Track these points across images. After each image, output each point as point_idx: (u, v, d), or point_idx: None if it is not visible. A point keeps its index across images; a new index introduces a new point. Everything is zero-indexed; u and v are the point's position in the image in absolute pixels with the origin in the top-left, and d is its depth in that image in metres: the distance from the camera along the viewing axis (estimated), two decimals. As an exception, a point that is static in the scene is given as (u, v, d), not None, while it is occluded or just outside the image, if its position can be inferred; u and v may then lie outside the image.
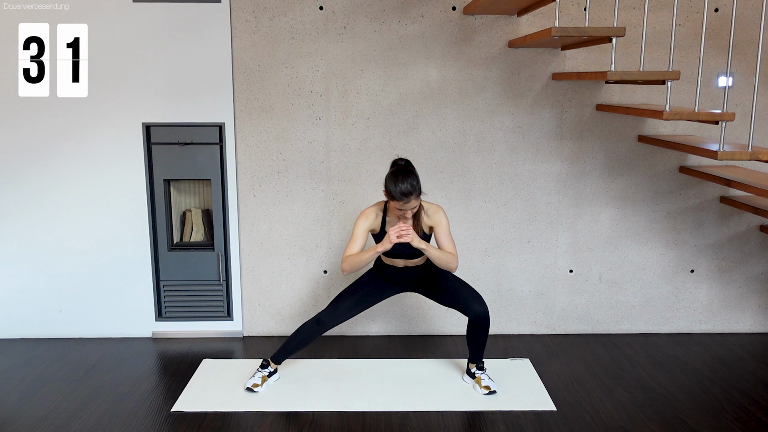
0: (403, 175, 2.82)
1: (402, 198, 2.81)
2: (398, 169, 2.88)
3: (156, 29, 3.52)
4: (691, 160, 3.72)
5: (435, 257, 2.96)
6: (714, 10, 3.58)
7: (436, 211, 3.02)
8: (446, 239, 3.03)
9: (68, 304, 3.80)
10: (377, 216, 3.04)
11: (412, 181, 2.81)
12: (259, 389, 3.13)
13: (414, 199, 2.84)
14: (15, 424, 2.88)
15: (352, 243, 3.00)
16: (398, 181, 2.81)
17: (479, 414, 2.95)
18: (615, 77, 2.92)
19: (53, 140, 3.62)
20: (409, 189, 2.80)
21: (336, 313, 3.11)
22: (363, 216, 3.03)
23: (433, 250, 2.95)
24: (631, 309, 3.88)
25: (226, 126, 3.62)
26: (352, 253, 2.98)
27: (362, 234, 3.01)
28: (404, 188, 2.80)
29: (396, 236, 2.83)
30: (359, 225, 3.01)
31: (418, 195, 2.85)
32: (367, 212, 3.04)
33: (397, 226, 2.85)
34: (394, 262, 3.11)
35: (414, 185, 2.81)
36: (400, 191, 2.80)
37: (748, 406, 3.03)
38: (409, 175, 2.83)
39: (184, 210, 3.91)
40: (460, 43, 3.58)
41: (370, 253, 2.92)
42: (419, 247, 2.90)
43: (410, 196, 2.81)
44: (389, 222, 3.03)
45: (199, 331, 3.86)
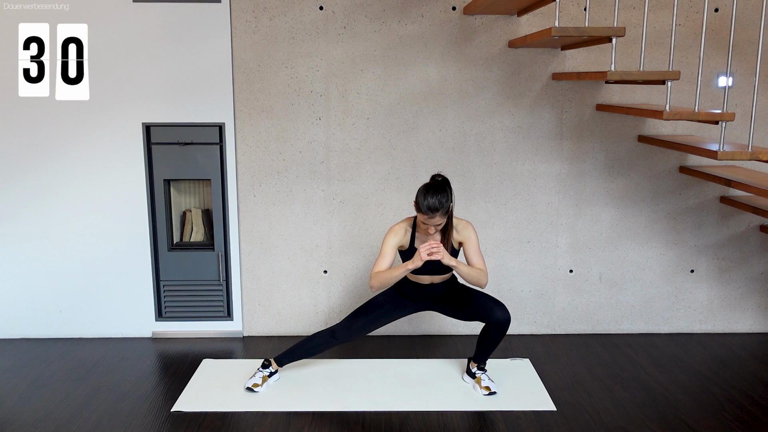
0: (434, 191, 2.82)
1: (428, 212, 2.81)
2: (432, 183, 2.88)
3: (156, 29, 3.53)
4: (691, 160, 3.72)
5: (465, 274, 2.95)
6: (714, 10, 3.58)
7: (466, 227, 3.01)
8: (476, 255, 3.01)
9: (68, 304, 3.80)
10: (406, 232, 3.02)
11: (441, 198, 2.81)
12: (260, 389, 3.13)
13: (439, 217, 2.83)
14: (15, 424, 2.88)
15: (381, 259, 2.97)
16: (428, 195, 2.81)
17: (479, 414, 2.95)
18: (615, 77, 2.92)
19: (53, 140, 3.62)
20: (437, 205, 2.80)
21: (350, 331, 3.11)
22: (392, 232, 3.00)
23: (463, 267, 2.93)
24: (631, 309, 3.88)
25: (226, 126, 3.62)
26: (381, 269, 2.96)
27: (391, 250, 2.99)
28: (432, 203, 2.80)
29: (427, 253, 2.81)
30: (388, 241, 2.99)
31: (444, 213, 2.84)
32: (396, 228, 3.02)
33: (428, 243, 2.83)
34: (419, 279, 3.09)
35: (443, 203, 2.81)
36: (428, 205, 2.80)
37: (748, 406, 3.03)
38: (440, 191, 2.83)
39: (184, 210, 3.91)
40: (460, 43, 3.58)
41: (400, 270, 2.90)
42: (449, 264, 2.88)
43: (436, 212, 2.81)
44: (418, 238, 3.02)
45: (199, 331, 3.86)
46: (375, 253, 3.76)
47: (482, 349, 3.15)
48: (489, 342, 3.11)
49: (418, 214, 2.88)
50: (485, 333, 3.09)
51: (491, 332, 3.06)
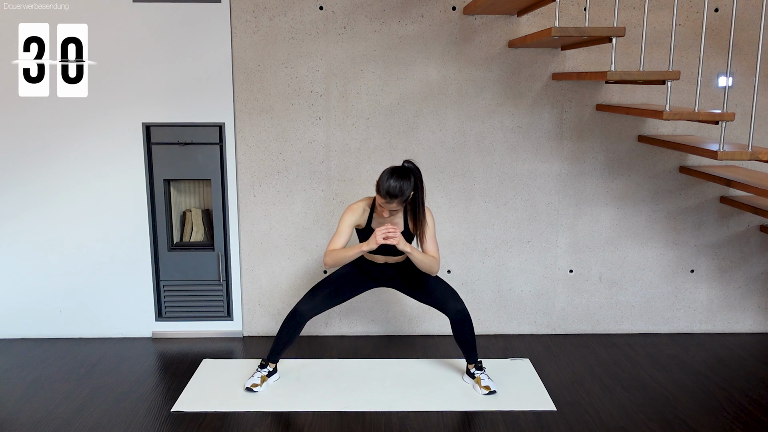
0: (398, 176, 2.82)
1: (386, 196, 2.81)
2: (398, 168, 2.87)
3: (156, 29, 3.52)
4: (691, 160, 3.72)
5: (418, 261, 2.96)
6: (714, 10, 3.58)
7: (424, 213, 3.01)
8: (431, 242, 3.01)
9: (68, 304, 3.80)
10: (364, 211, 3.03)
11: (403, 185, 2.80)
12: (259, 389, 3.13)
13: (397, 203, 2.83)
14: (15, 424, 2.88)
15: (337, 237, 2.98)
16: (390, 178, 2.81)
17: (479, 414, 2.95)
18: (615, 77, 2.92)
19: (53, 140, 3.62)
20: (396, 191, 2.79)
21: (312, 304, 3.09)
22: (350, 210, 3.01)
23: (417, 254, 2.95)
24: (631, 309, 3.88)
25: (226, 126, 3.62)
26: (336, 247, 2.97)
27: (347, 228, 3.00)
28: (392, 188, 2.79)
29: (383, 237, 2.83)
30: (345, 219, 3.00)
31: (403, 201, 2.84)
32: (354, 207, 3.03)
33: (385, 227, 2.84)
34: (374, 258, 3.11)
35: (403, 190, 2.80)
36: (387, 189, 2.80)
37: (748, 406, 3.03)
38: (404, 177, 2.82)
39: (184, 210, 3.91)
40: (460, 43, 3.58)
41: (355, 251, 2.92)
42: (404, 249, 2.90)
43: (394, 198, 2.80)
44: (375, 218, 3.02)
45: (199, 331, 3.86)
46: (375, 253, 3.76)
47: (463, 347, 3.18)
48: (462, 337, 3.14)
49: (376, 195, 2.87)
50: (454, 331, 3.14)
51: (457, 327, 3.11)
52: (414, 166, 2.92)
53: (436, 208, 3.73)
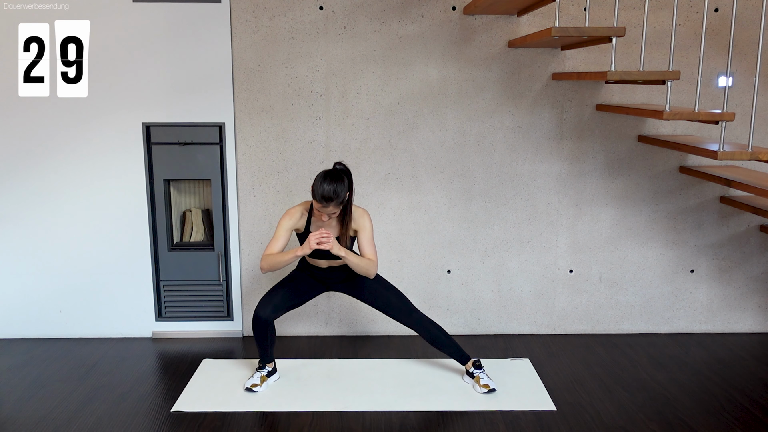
0: (331, 179, 2.82)
1: (321, 201, 2.81)
2: (330, 171, 2.87)
3: (156, 29, 3.53)
4: (691, 160, 3.72)
5: (354, 264, 2.97)
6: (714, 10, 3.58)
7: (362, 216, 3.01)
8: (368, 245, 3.02)
9: (68, 304, 3.80)
10: (302, 215, 3.03)
11: (337, 188, 2.80)
12: (259, 389, 3.13)
13: (333, 206, 2.83)
14: (15, 424, 2.88)
15: (274, 241, 2.99)
16: (324, 182, 2.81)
17: (479, 414, 2.95)
18: (615, 77, 2.92)
19: (53, 140, 3.62)
20: (330, 194, 2.79)
21: (271, 306, 3.06)
22: (288, 215, 3.02)
23: (352, 257, 2.95)
24: (631, 309, 3.88)
25: (226, 126, 3.63)
26: (272, 252, 2.97)
27: (284, 233, 3.00)
28: (326, 191, 2.79)
29: (315, 242, 2.84)
30: (282, 224, 3.00)
31: (339, 204, 2.84)
32: (292, 211, 3.03)
33: (318, 231, 2.85)
34: (317, 262, 3.11)
35: (338, 192, 2.80)
36: (321, 194, 2.80)
37: (748, 406, 3.03)
38: (337, 180, 2.82)
39: (184, 210, 3.91)
40: (460, 43, 3.58)
41: (290, 256, 2.92)
42: (338, 254, 2.91)
43: (330, 201, 2.81)
44: (314, 223, 3.02)
45: (199, 331, 3.86)
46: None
47: (448, 351, 3.21)
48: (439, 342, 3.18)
49: (312, 200, 2.87)
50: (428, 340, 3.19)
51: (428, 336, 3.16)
52: (346, 168, 2.93)
53: (436, 208, 3.73)
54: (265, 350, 3.18)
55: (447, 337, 3.20)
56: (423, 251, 3.79)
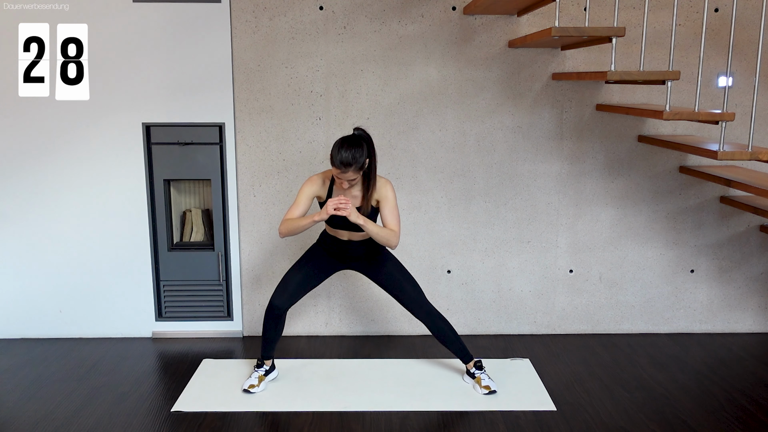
0: (348, 144, 2.76)
1: (340, 166, 2.76)
2: (348, 137, 2.82)
3: (156, 29, 3.53)
4: (691, 160, 3.72)
5: (374, 233, 2.89)
6: (714, 10, 3.58)
7: (384, 185, 2.94)
8: (390, 215, 2.94)
9: (68, 304, 3.80)
10: (324, 183, 2.98)
11: (355, 153, 2.75)
12: (257, 389, 3.13)
13: (352, 172, 2.77)
14: (15, 424, 2.88)
15: (294, 207, 2.94)
16: (342, 148, 2.76)
17: (479, 414, 2.95)
18: (615, 77, 2.92)
19: (53, 140, 3.62)
20: (349, 160, 2.74)
21: (286, 294, 3.05)
22: (309, 182, 2.97)
23: (371, 226, 2.87)
24: (631, 309, 3.88)
25: (226, 126, 3.62)
26: (292, 217, 2.93)
27: (305, 199, 2.96)
28: (344, 157, 2.74)
29: (333, 208, 2.77)
30: (304, 190, 2.96)
31: (358, 169, 2.78)
32: (314, 178, 2.98)
33: (337, 198, 2.79)
34: (337, 233, 3.04)
35: (356, 158, 2.75)
36: (340, 159, 2.75)
37: (748, 406, 3.03)
38: (355, 146, 2.76)
39: (184, 210, 3.91)
40: (460, 43, 3.58)
41: (308, 221, 2.86)
42: (356, 221, 2.82)
43: (348, 167, 2.75)
44: (336, 191, 2.97)
45: (199, 331, 3.86)
46: (375, 253, 3.76)
47: (451, 348, 3.20)
48: (443, 339, 3.17)
49: (332, 166, 2.82)
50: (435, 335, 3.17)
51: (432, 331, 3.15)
52: (365, 133, 2.87)
53: (436, 208, 3.73)
54: (269, 343, 3.16)
55: (454, 334, 3.18)
56: (423, 251, 3.79)
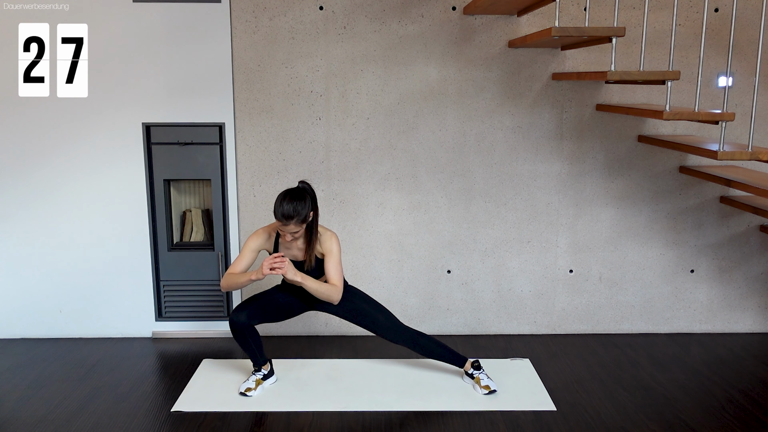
0: (291, 197, 2.78)
1: (282, 219, 2.77)
2: (291, 190, 2.84)
3: (156, 29, 3.53)
4: (691, 160, 3.72)
5: (312, 290, 2.91)
6: (714, 10, 3.58)
7: (329, 239, 2.96)
8: (333, 269, 2.95)
9: (68, 304, 3.80)
10: (270, 236, 2.99)
11: (297, 206, 2.76)
12: (253, 393, 3.11)
13: (294, 224, 2.78)
14: (15, 424, 2.88)
15: (238, 261, 2.96)
16: (285, 201, 2.77)
17: (479, 414, 2.95)
18: (615, 77, 2.92)
19: (53, 140, 3.62)
20: (290, 213, 2.75)
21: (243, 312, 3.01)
22: (255, 235, 2.99)
23: (310, 283, 2.89)
24: (631, 309, 3.88)
25: (226, 126, 3.63)
26: (235, 271, 2.94)
27: (250, 253, 2.97)
28: (286, 210, 2.76)
29: (269, 267, 2.79)
30: (249, 244, 2.98)
31: (300, 221, 2.79)
32: (259, 232, 3.00)
33: (272, 256, 2.80)
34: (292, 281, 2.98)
35: (298, 210, 2.76)
36: (282, 212, 2.76)
37: (748, 406, 3.03)
38: (298, 199, 2.78)
39: (184, 210, 3.91)
40: (460, 43, 3.58)
41: (245, 278, 2.88)
42: (293, 280, 2.85)
43: (290, 219, 2.76)
44: (281, 244, 2.97)
45: (199, 331, 3.86)
46: (375, 253, 3.76)
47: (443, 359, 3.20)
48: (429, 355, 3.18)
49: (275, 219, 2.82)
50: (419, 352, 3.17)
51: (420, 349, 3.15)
52: (309, 187, 2.90)
53: (436, 208, 3.73)
54: (252, 354, 3.15)
55: (438, 345, 3.18)
56: (423, 251, 3.79)
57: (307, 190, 2.88)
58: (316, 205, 2.90)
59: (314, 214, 2.89)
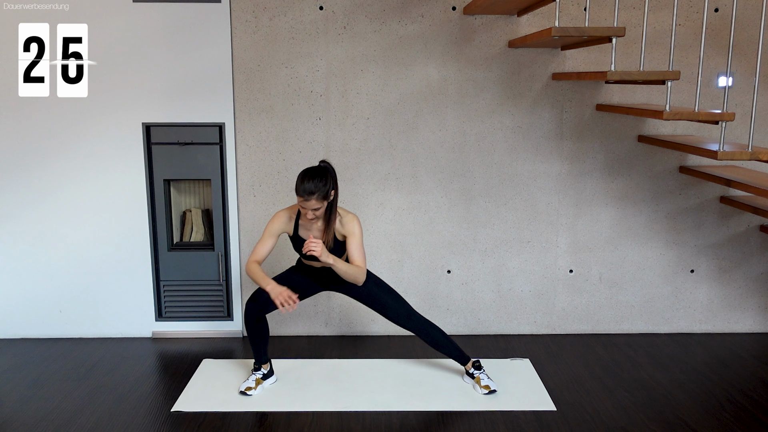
0: (312, 174, 2.83)
1: (303, 194, 2.80)
2: (313, 167, 2.88)
3: (156, 29, 3.53)
4: (691, 160, 3.72)
5: (341, 272, 2.95)
6: (714, 10, 3.58)
7: (351, 221, 2.98)
8: (357, 251, 2.99)
9: (68, 304, 3.80)
10: (290, 219, 3.02)
11: (318, 183, 2.80)
12: (253, 392, 3.12)
13: (315, 200, 2.81)
14: (15, 424, 2.88)
15: (260, 245, 3.00)
16: (306, 178, 2.82)
17: (479, 414, 2.95)
18: (615, 77, 2.92)
19: (53, 140, 3.62)
20: (312, 189, 2.79)
21: (257, 303, 3.04)
22: (275, 218, 3.02)
23: (340, 265, 2.92)
24: (631, 309, 3.88)
25: (226, 126, 3.63)
26: (258, 257, 2.98)
27: (271, 237, 3.01)
28: (308, 186, 2.80)
29: (305, 251, 2.85)
30: (269, 227, 3.01)
31: (320, 198, 2.81)
32: (279, 214, 3.02)
33: (308, 240, 2.84)
34: (311, 263, 3.08)
35: (319, 187, 2.80)
36: (304, 188, 2.80)
37: (748, 406, 3.03)
38: (318, 176, 2.82)
39: (184, 210, 3.91)
40: (460, 43, 3.58)
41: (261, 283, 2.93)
42: (326, 261, 2.88)
43: (311, 195, 2.79)
44: (302, 225, 3.00)
45: (199, 331, 3.86)
46: (375, 253, 3.76)
47: (447, 353, 3.20)
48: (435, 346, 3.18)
49: (297, 197, 2.85)
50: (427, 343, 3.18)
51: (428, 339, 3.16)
52: (330, 166, 2.93)
53: (436, 208, 3.73)
54: (258, 348, 3.16)
55: (446, 338, 3.20)
56: (423, 251, 3.79)
57: (329, 168, 2.91)
58: (337, 184, 2.93)
59: (335, 192, 2.92)
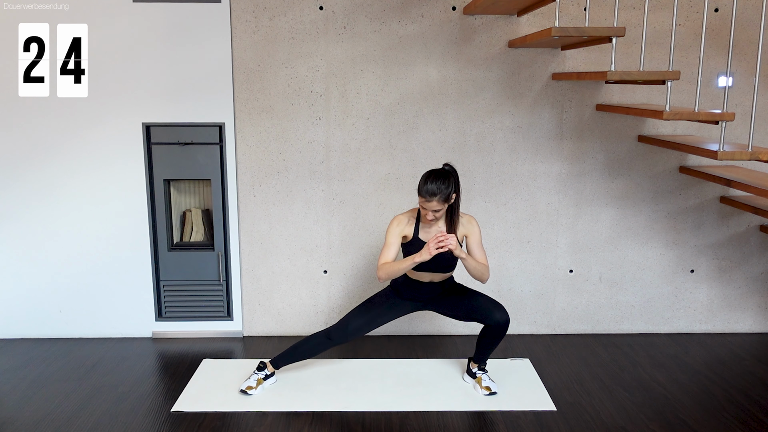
0: (435, 176, 2.85)
1: (425, 195, 2.82)
2: (436, 169, 2.90)
3: (156, 29, 3.53)
4: (691, 160, 3.72)
5: (472, 268, 2.95)
6: (714, 10, 3.58)
7: (470, 221, 3.02)
8: (479, 250, 3.03)
9: (68, 304, 3.80)
10: (409, 222, 3.01)
11: (441, 185, 2.82)
12: (254, 392, 3.12)
13: (437, 202, 2.83)
14: (15, 424, 2.88)
15: (386, 250, 2.97)
16: (429, 179, 2.84)
17: (479, 414, 2.95)
18: (615, 77, 2.92)
19: (53, 140, 3.62)
20: (434, 190, 2.81)
21: (346, 332, 3.08)
22: (396, 221, 3.01)
23: (471, 261, 2.94)
24: (631, 309, 3.88)
25: (226, 126, 3.63)
26: (388, 260, 2.95)
27: (395, 239, 2.99)
28: (431, 187, 2.82)
29: (435, 247, 2.78)
30: (391, 230, 2.99)
31: (443, 200, 2.83)
32: (400, 217, 3.02)
33: (436, 235, 2.80)
34: (420, 276, 3.05)
35: (441, 189, 2.81)
36: (427, 189, 2.82)
37: (748, 406, 3.03)
38: (442, 178, 2.84)
39: (184, 210, 3.91)
40: (460, 43, 3.58)
41: (408, 263, 2.88)
42: (459, 255, 2.87)
43: (434, 196, 2.81)
44: (422, 229, 3.00)
45: (199, 331, 3.86)
46: (375, 253, 3.76)
47: (482, 350, 3.15)
48: (488, 343, 3.11)
49: (419, 198, 2.87)
50: (485, 334, 3.09)
51: (490, 334, 3.06)
52: (453, 169, 2.93)
53: (436, 208, 3.73)
54: (291, 360, 3.18)
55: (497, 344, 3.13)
56: (423, 251, 3.79)
57: (452, 172, 2.92)
58: (459, 187, 2.93)
59: (456, 195, 2.92)
